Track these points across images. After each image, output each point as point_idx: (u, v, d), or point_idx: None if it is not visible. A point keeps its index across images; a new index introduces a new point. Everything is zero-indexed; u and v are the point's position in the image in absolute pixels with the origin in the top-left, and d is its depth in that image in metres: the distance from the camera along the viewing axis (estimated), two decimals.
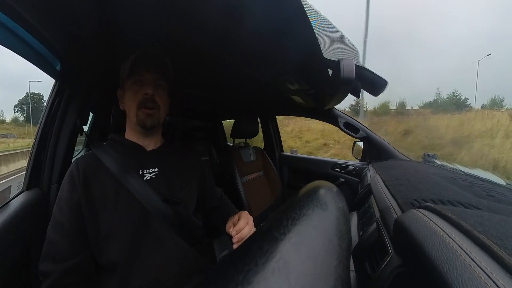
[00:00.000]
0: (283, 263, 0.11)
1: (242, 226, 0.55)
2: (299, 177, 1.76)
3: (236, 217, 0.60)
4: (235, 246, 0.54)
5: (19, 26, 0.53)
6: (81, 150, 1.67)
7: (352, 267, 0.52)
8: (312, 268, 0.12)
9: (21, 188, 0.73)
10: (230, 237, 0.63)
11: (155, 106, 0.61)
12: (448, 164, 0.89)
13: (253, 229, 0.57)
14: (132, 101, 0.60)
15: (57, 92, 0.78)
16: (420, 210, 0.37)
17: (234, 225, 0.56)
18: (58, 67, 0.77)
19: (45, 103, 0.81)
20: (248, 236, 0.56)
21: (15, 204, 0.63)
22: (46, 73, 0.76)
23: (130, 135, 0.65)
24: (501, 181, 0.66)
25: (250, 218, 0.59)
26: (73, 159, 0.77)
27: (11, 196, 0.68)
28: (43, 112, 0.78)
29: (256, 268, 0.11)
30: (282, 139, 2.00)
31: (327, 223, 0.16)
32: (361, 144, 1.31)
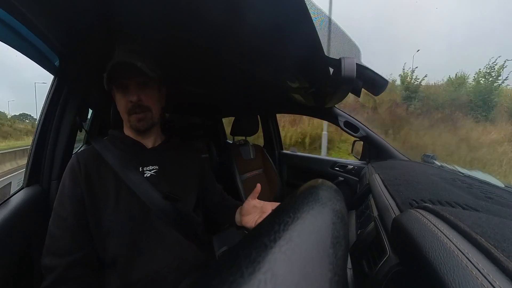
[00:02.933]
0: (270, 275, 0.11)
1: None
2: (298, 175, 1.77)
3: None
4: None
5: (17, 21, 0.52)
6: (81, 146, 1.66)
7: (349, 265, 0.52)
8: (303, 282, 0.11)
9: (21, 184, 0.73)
10: (237, 227, 0.66)
11: (144, 109, 0.60)
12: (447, 165, 0.89)
13: None
14: (122, 107, 0.60)
15: (56, 88, 0.78)
16: (418, 210, 0.37)
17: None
18: (56, 63, 0.76)
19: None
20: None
21: (15, 200, 0.63)
22: (44, 69, 0.75)
23: (128, 133, 0.65)
24: (500, 183, 0.67)
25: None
26: (73, 154, 0.77)
27: (12, 192, 0.69)
28: (42, 108, 0.78)
29: (241, 279, 0.10)
30: None
31: (323, 229, 0.15)
32: (360, 143, 1.31)
